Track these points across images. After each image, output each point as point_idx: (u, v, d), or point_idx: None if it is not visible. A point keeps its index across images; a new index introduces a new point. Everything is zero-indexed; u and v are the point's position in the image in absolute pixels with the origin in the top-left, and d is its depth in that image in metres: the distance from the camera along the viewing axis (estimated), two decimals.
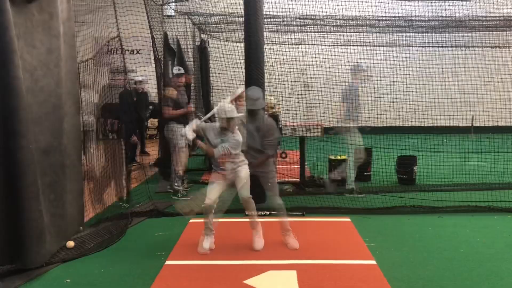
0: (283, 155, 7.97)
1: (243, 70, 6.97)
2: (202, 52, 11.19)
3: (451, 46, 12.47)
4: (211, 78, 11.40)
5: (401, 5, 11.38)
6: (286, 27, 11.70)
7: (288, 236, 5.20)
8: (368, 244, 5.17)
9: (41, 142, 4.63)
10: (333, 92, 10.38)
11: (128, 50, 14.05)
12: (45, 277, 4.40)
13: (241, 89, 5.54)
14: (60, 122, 4.94)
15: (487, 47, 13.07)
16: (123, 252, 5.03)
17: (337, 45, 12.06)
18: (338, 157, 8.33)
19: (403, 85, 11.64)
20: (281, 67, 10.07)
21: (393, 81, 11.20)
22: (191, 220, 6.11)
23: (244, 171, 5.03)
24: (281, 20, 10.94)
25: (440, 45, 13.55)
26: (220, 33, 11.89)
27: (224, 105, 4.93)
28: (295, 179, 8.27)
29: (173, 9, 10.90)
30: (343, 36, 12.35)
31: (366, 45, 12.87)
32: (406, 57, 12.01)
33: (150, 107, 12.47)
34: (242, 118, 5.11)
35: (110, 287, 4.19)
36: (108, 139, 8.92)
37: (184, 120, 7.33)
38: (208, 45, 11.80)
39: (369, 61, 11.71)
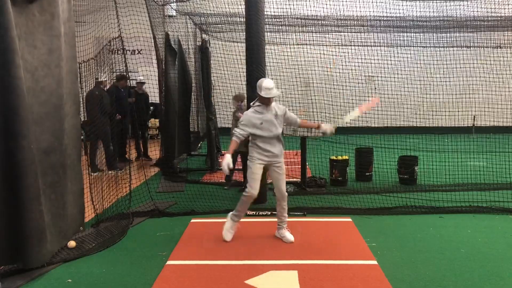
0: None
1: (244, 70, 6.97)
2: (203, 52, 11.19)
3: (452, 46, 12.47)
4: (212, 78, 11.41)
5: (402, 5, 11.38)
6: (287, 27, 11.71)
7: (283, 229, 5.28)
8: (369, 244, 5.17)
9: (42, 142, 4.63)
10: (334, 92, 10.40)
11: (129, 50, 14.10)
12: (46, 277, 4.41)
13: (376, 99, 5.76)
14: (61, 122, 4.94)
15: (488, 47, 13.07)
16: (124, 252, 5.04)
17: (338, 45, 12.08)
18: (339, 158, 8.33)
19: (404, 86, 11.66)
20: (282, 67, 10.08)
21: (395, 81, 11.21)
22: (192, 220, 6.12)
23: (284, 168, 5.31)
24: (282, 20, 10.95)
25: (441, 45, 13.54)
26: (221, 33, 11.90)
27: (261, 82, 5.13)
28: (296, 179, 8.28)
29: (174, 9, 10.90)
30: (344, 36, 12.36)
31: (367, 45, 12.89)
32: (407, 58, 12.02)
33: (151, 108, 12.46)
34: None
35: (111, 287, 4.19)
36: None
37: None
38: (209, 45, 11.81)
39: (370, 61, 11.74)
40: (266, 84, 5.09)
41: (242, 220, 6.06)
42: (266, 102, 5.12)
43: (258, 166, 5.15)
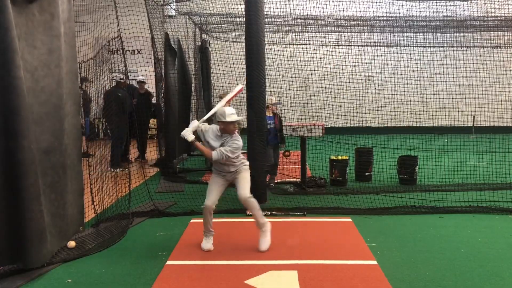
0: (286, 153, 8.02)
1: (244, 70, 6.97)
2: (203, 52, 11.20)
3: (452, 46, 12.48)
4: (212, 78, 11.41)
5: (402, 5, 11.39)
6: (287, 27, 11.72)
7: (262, 232, 5.10)
8: (369, 244, 5.17)
9: (42, 142, 4.63)
10: (333, 91, 10.41)
11: (129, 50, 14.08)
12: (46, 277, 4.41)
13: (239, 86, 5.49)
14: (61, 122, 4.94)
15: (488, 47, 13.08)
16: (124, 252, 5.03)
17: (338, 45, 12.08)
18: (339, 157, 8.33)
19: (404, 86, 11.66)
20: (281, 67, 10.08)
21: (394, 81, 11.22)
22: (192, 220, 6.12)
23: (244, 172, 5.04)
24: (282, 20, 10.95)
25: (441, 45, 13.55)
26: (221, 33, 11.90)
27: (224, 108, 4.88)
28: (296, 179, 8.28)
29: (174, 9, 10.91)
30: (344, 36, 12.36)
31: (367, 45, 12.90)
32: (407, 58, 12.03)
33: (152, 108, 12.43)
34: (242, 121, 5.02)
35: (111, 287, 4.19)
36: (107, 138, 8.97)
37: None
38: (209, 45, 11.81)
39: (372, 61, 11.75)
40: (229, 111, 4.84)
41: (242, 220, 6.07)
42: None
43: (216, 179, 5.03)
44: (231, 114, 4.83)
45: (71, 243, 5.04)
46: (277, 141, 7.80)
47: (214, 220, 5.14)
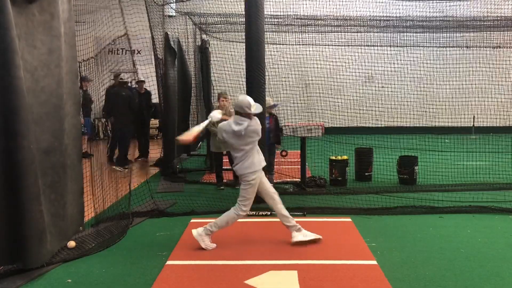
0: (284, 153, 8.02)
1: (244, 70, 6.97)
2: (203, 52, 11.19)
3: (453, 47, 12.48)
4: (212, 78, 11.41)
5: (402, 5, 11.40)
6: (287, 27, 11.72)
7: (294, 231, 5.18)
8: (369, 244, 5.17)
9: (42, 142, 4.63)
10: (333, 91, 10.43)
11: (128, 50, 14.07)
12: (46, 277, 4.40)
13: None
14: (61, 122, 4.94)
15: (488, 47, 13.09)
16: (124, 252, 5.03)
17: (338, 45, 12.08)
18: (339, 157, 8.33)
19: (405, 86, 11.68)
20: (281, 66, 10.09)
21: (395, 82, 11.24)
22: (192, 220, 6.12)
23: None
24: (282, 20, 10.96)
25: (442, 46, 13.56)
26: (221, 33, 11.91)
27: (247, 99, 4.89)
28: (296, 179, 8.28)
29: (174, 9, 10.91)
30: (344, 36, 12.37)
31: (367, 45, 12.89)
32: (407, 58, 12.04)
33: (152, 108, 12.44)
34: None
35: (111, 287, 4.19)
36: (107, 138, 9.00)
37: None
38: (209, 45, 11.81)
39: (372, 61, 11.77)
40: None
41: (242, 220, 6.05)
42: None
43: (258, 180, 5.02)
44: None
45: (71, 243, 5.04)
46: (271, 141, 7.81)
47: (213, 220, 5.15)
